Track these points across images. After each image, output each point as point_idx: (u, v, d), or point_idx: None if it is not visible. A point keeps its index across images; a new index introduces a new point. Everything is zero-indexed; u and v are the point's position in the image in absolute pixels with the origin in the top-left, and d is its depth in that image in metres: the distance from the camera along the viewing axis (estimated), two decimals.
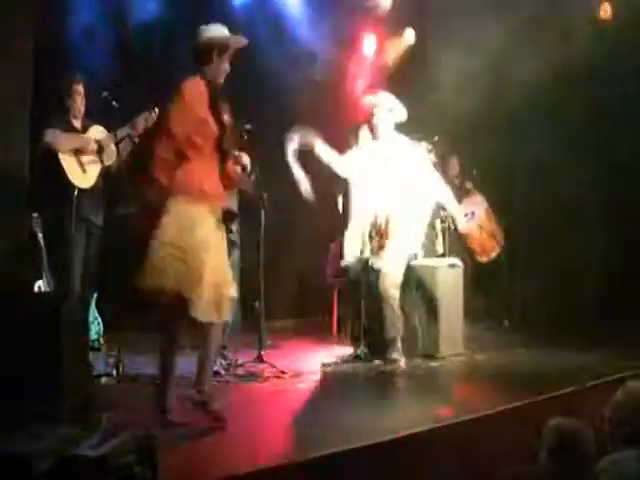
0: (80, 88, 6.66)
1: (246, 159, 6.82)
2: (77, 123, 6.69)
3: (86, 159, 6.54)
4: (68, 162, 6.44)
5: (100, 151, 6.59)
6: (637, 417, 3.58)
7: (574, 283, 9.37)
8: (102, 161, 6.61)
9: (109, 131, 6.63)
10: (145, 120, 6.68)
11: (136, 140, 6.66)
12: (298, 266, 10.16)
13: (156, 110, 6.72)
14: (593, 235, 9.37)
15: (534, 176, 9.63)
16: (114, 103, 6.48)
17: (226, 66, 5.01)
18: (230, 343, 6.89)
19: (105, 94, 6.49)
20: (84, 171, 6.52)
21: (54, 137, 6.43)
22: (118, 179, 6.75)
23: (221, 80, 5.01)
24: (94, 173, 6.58)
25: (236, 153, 6.72)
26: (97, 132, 6.67)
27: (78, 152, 6.50)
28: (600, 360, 7.03)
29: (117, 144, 6.59)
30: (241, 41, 5.12)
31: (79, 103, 6.65)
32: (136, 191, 5.09)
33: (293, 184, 6.94)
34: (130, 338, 6.77)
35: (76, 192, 6.43)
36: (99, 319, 7.73)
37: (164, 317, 4.90)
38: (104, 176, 6.70)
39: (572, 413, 3.63)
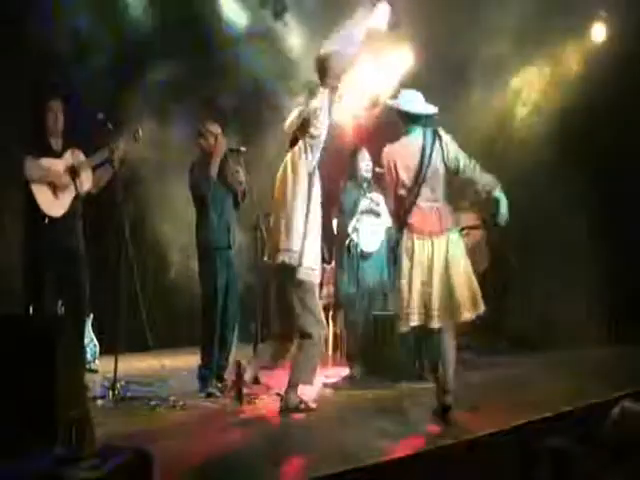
0: (58, 105, 6.52)
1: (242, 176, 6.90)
2: (55, 142, 6.53)
3: (59, 185, 6.39)
4: (39, 189, 6.30)
5: (74, 177, 6.44)
6: (633, 437, 3.58)
7: (571, 304, 9.34)
8: (77, 187, 6.45)
9: (87, 155, 6.55)
10: (126, 143, 6.65)
11: (116, 165, 6.62)
12: None
13: (140, 132, 6.70)
14: (591, 258, 9.36)
15: (529, 196, 9.62)
16: (109, 125, 6.50)
17: None
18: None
19: (101, 115, 6.50)
20: (56, 198, 6.38)
21: (25, 167, 6.28)
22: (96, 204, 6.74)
23: None
24: (67, 200, 6.43)
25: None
26: (73, 157, 6.51)
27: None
28: (597, 380, 7.02)
29: (94, 169, 6.58)
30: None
31: (56, 121, 6.50)
32: None
33: None
34: (126, 360, 6.76)
35: (47, 220, 6.32)
36: (95, 341, 7.74)
37: None
38: (82, 201, 6.57)
39: (567, 434, 3.63)
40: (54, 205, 6.38)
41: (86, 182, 6.55)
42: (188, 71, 8.74)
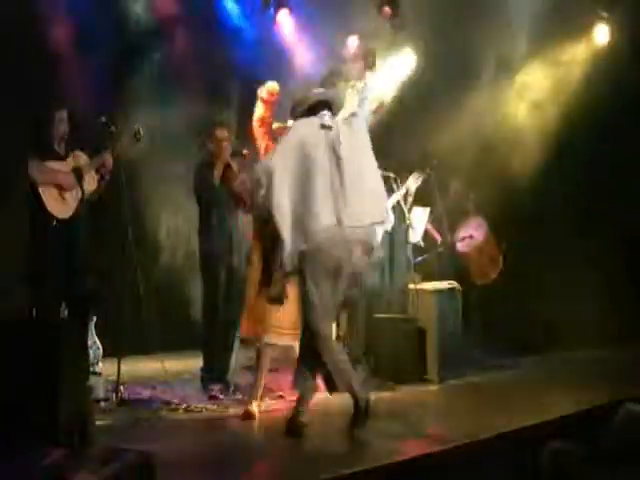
0: (63, 115, 6.59)
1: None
2: (58, 146, 6.61)
3: (65, 187, 6.44)
4: (46, 192, 6.35)
5: (79, 178, 6.49)
6: (635, 439, 3.57)
7: (575, 307, 9.31)
8: (82, 188, 6.50)
9: (90, 157, 6.61)
10: (128, 143, 6.68)
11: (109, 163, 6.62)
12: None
13: (141, 132, 6.72)
14: (594, 259, 9.34)
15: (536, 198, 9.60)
16: (113, 128, 6.52)
17: None
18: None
19: (103, 119, 6.53)
20: (63, 199, 6.44)
21: (32, 170, 6.33)
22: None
23: None
24: (74, 201, 6.49)
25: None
26: (77, 159, 6.58)
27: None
28: (599, 383, 7.02)
29: (97, 171, 6.61)
30: None
31: (62, 130, 6.58)
32: None
33: None
34: (129, 363, 6.76)
35: (55, 222, 6.36)
36: (98, 344, 7.73)
37: None
38: (88, 203, 6.61)
39: (570, 436, 3.63)
40: (62, 207, 6.44)
41: (90, 184, 6.60)
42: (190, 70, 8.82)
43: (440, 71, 8.90)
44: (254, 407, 5.97)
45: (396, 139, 8.74)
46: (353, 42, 9.65)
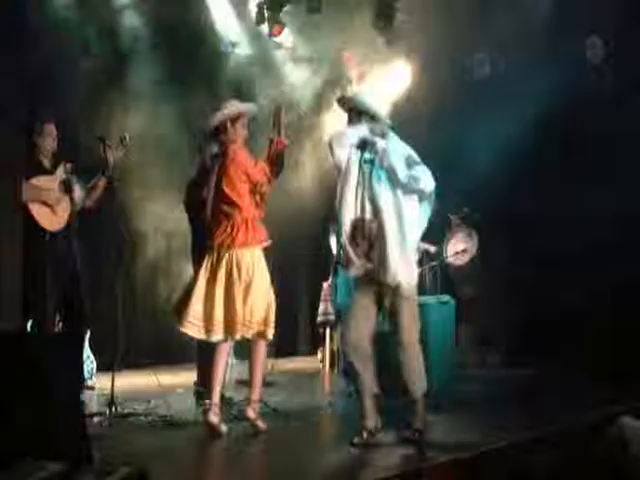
0: (51, 128, 6.63)
1: None
2: (46, 162, 6.64)
3: (54, 200, 6.48)
4: (36, 207, 6.39)
5: (68, 191, 6.56)
6: (631, 451, 3.59)
7: (558, 317, 9.27)
8: (72, 200, 6.57)
9: (78, 167, 6.66)
10: (115, 150, 6.70)
11: (107, 173, 6.69)
12: (293, 304, 10.20)
13: (127, 138, 6.74)
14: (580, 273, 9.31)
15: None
16: (108, 142, 6.54)
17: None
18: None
19: (99, 134, 6.56)
20: (54, 212, 6.48)
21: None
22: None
23: None
24: (64, 214, 6.54)
25: None
26: (64, 171, 6.62)
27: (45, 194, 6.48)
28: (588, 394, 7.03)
29: (87, 184, 6.68)
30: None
31: (49, 143, 6.61)
32: None
33: (293, 225, 6.96)
34: (122, 377, 6.75)
35: (47, 236, 6.41)
36: (92, 358, 7.74)
37: None
38: (80, 216, 6.66)
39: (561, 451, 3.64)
40: (52, 221, 6.45)
41: (80, 194, 6.66)
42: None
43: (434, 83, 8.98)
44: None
45: None
46: (347, 58, 9.75)
